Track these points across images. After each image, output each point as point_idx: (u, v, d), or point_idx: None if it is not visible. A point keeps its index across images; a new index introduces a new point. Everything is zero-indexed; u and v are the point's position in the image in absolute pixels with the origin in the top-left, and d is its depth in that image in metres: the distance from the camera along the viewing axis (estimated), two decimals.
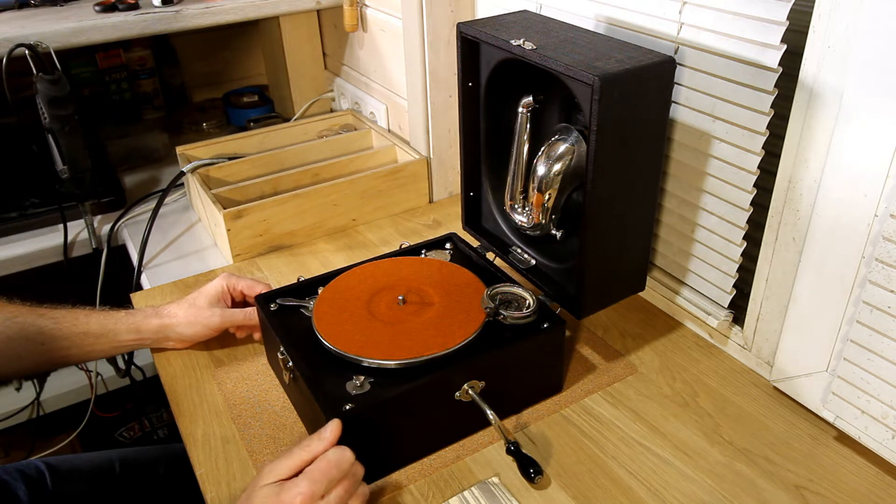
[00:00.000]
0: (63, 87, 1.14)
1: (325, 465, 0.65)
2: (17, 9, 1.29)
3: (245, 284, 0.95)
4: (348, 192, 1.21)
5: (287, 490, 0.64)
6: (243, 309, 0.93)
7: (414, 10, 1.16)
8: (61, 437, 1.58)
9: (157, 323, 0.91)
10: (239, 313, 0.92)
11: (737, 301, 0.91)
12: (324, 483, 0.64)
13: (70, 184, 1.22)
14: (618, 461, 0.78)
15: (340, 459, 0.66)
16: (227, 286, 0.94)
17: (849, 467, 0.77)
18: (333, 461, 0.66)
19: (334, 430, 0.68)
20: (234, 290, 0.94)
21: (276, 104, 1.70)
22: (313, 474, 0.65)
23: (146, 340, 0.92)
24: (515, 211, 0.95)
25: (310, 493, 0.63)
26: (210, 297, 0.92)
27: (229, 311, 0.92)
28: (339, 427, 0.69)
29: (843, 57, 0.68)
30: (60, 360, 0.89)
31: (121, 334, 0.90)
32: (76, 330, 0.88)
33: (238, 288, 0.94)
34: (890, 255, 0.67)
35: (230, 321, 0.92)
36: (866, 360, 0.72)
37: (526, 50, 0.79)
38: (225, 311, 0.92)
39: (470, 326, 0.81)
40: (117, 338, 0.89)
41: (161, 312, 0.92)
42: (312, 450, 0.67)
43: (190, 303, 0.92)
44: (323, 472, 0.65)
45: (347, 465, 0.67)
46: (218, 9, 1.29)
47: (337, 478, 0.66)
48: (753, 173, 0.81)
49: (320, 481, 0.64)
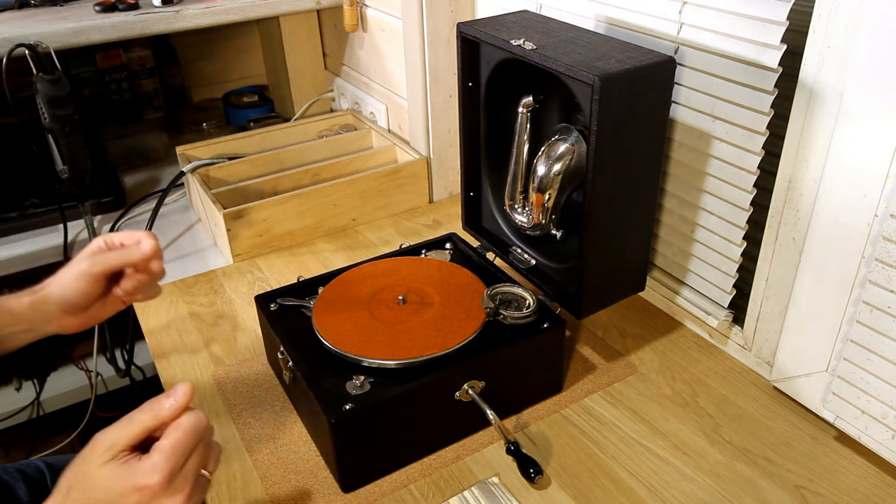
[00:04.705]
0: (63, 87, 1.14)
1: (181, 435, 0.55)
2: (17, 9, 1.29)
3: (123, 234, 0.80)
4: (348, 192, 1.21)
5: (138, 470, 0.53)
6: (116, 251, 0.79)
7: (414, 10, 1.16)
8: (61, 437, 1.58)
9: (30, 300, 0.78)
10: (111, 254, 0.78)
11: (737, 301, 0.91)
12: (182, 456, 0.54)
13: (70, 184, 1.22)
14: (618, 461, 0.78)
15: (196, 425, 0.56)
16: (103, 240, 0.80)
17: (849, 467, 0.77)
18: (189, 428, 0.55)
19: (186, 391, 0.57)
20: (112, 242, 0.80)
21: (276, 104, 1.70)
22: (171, 447, 0.54)
23: (22, 323, 0.79)
24: (515, 211, 0.95)
25: (169, 471, 0.53)
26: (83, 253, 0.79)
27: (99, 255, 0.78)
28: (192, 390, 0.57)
29: (843, 57, 0.68)
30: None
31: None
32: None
33: (116, 240, 0.80)
34: (890, 255, 0.67)
35: (102, 264, 0.77)
36: (866, 360, 0.72)
37: (526, 50, 0.79)
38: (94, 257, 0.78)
39: (470, 326, 0.81)
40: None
41: (34, 289, 0.80)
42: (159, 415, 0.56)
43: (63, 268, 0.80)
44: (180, 443, 0.54)
45: (203, 431, 0.57)
46: (218, 9, 1.29)
47: (193, 446, 0.56)
48: (753, 173, 0.81)
49: (179, 455, 0.54)
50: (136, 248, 0.78)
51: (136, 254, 0.77)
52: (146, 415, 0.55)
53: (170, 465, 0.53)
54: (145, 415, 0.55)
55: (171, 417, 0.56)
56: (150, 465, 0.53)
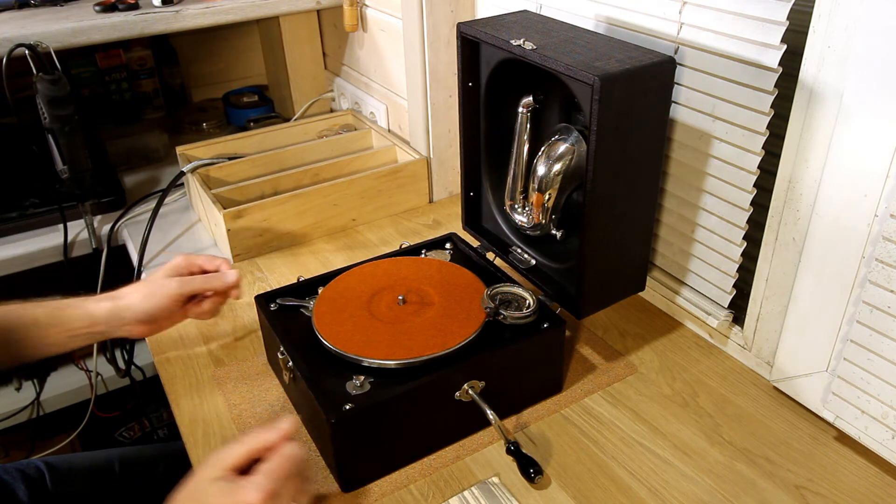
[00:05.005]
0: (63, 87, 1.14)
1: (281, 460, 0.62)
2: (17, 9, 1.29)
3: (203, 259, 0.90)
4: (348, 192, 1.21)
5: (243, 488, 0.59)
6: (202, 275, 0.89)
7: (414, 10, 1.16)
8: (61, 437, 1.58)
9: (109, 305, 0.85)
10: (198, 279, 0.87)
11: (737, 301, 0.91)
12: (281, 480, 0.61)
13: (70, 184, 1.22)
14: (618, 461, 0.78)
15: (294, 455, 0.63)
16: (184, 261, 0.89)
17: (849, 467, 0.77)
18: (288, 456, 0.62)
19: (291, 424, 0.65)
20: (193, 265, 0.90)
21: (276, 104, 1.70)
22: (271, 471, 0.61)
23: (99, 326, 0.85)
24: (515, 211, 0.95)
25: (269, 492, 0.59)
26: (167, 270, 0.88)
27: (188, 277, 0.87)
28: (296, 424, 0.66)
29: (843, 57, 0.68)
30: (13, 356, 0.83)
31: (72, 321, 0.84)
32: (24, 320, 0.82)
33: (197, 262, 0.90)
34: (890, 255, 0.67)
35: (189, 287, 0.87)
36: (866, 360, 0.72)
37: (526, 50, 0.79)
38: (183, 278, 0.87)
39: (470, 326, 0.81)
40: (69, 325, 0.83)
41: (114, 294, 0.86)
42: (265, 440, 0.63)
43: (145, 280, 0.88)
44: (280, 467, 0.61)
45: (299, 461, 0.63)
46: (218, 9, 1.29)
47: (291, 474, 0.62)
48: (753, 173, 0.81)
49: (278, 478, 0.60)
50: (222, 277, 0.88)
51: (221, 282, 0.88)
52: (254, 439, 0.63)
53: (269, 486, 0.59)
54: (253, 438, 0.63)
55: (274, 444, 0.63)
56: (252, 484, 0.59)
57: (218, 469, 0.61)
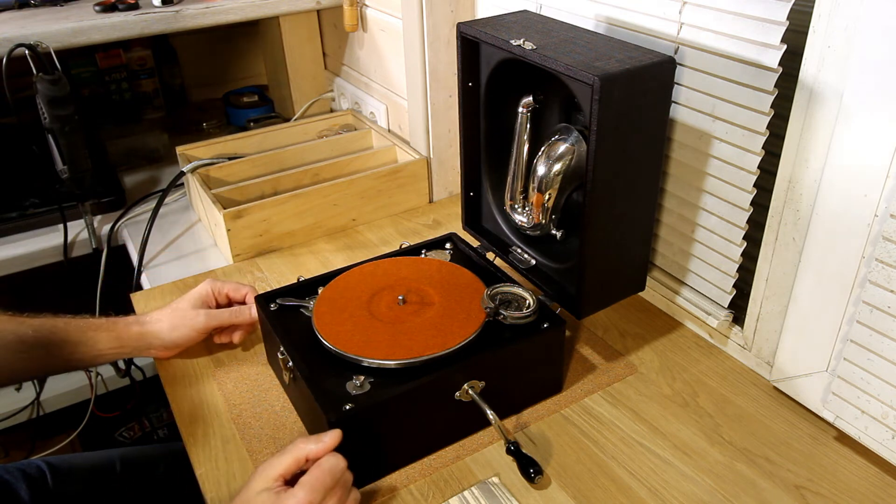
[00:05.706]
0: (63, 87, 1.14)
1: (320, 474, 0.65)
2: (17, 9, 1.29)
3: (230, 287, 0.93)
4: (348, 192, 1.21)
5: (285, 500, 0.63)
6: (229, 308, 0.92)
7: (414, 10, 1.16)
8: (61, 437, 1.58)
9: (139, 330, 0.89)
10: (224, 312, 0.91)
11: (737, 301, 0.91)
12: (321, 492, 0.64)
13: (70, 184, 1.22)
14: (618, 461, 0.78)
15: (335, 467, 0.66)
16: (211, 290, 0.92)
17: (849, 467, 0.77)
18: (328, 469, 0.66)
19: (334, 436, 0.68)
20: (220, 293, 0.93)
21: (276, 104, 1.70)
22: (311, 484, 0.64)
23: (127, 349, 0.89)
24: (515, 211, 0.95)
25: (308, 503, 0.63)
26: (194, 300, 0.91)
27: (215, 310, 0.91)
28: (340, 436, 0.68)
29: (843, 57, 0.68)
30: (40, 370, 0.87)
31: (100, 343, 0.87)
32: (58, 336, 0.85)
33: (223, 291, 0.93)
34: (890, 255, 0.67)
35: (216, 321, 0.91)
36: (866, 360, 0.72)
37: (526, 50, 0.79)
38: (210, 311, 0.90)
39: (470, 326, 0.81)
40: (97, 346, 0.87)
41: (143, 319, 0.90)
42: (308, 451, 0.67)
43: (173, 308, 0.91)
44: (319, 480, 0.65)
45: (340, 473, 0.67)
46: (218, 9, 1.29)
47: (331, 486, 0.66)
48: (753, 173, 0.81)
49: (318, 490, 0.64)
50: (248, 311, 0.92)
51: (248, 316, 0.92)
52: (300, 449, 0.67)
53: (308, 498, 0.63)
54: (299, 449, 0.67)
55: (316, 456, 0.67)
56: (293, 497, 0.63)
57: (267, 480, 0.65)
